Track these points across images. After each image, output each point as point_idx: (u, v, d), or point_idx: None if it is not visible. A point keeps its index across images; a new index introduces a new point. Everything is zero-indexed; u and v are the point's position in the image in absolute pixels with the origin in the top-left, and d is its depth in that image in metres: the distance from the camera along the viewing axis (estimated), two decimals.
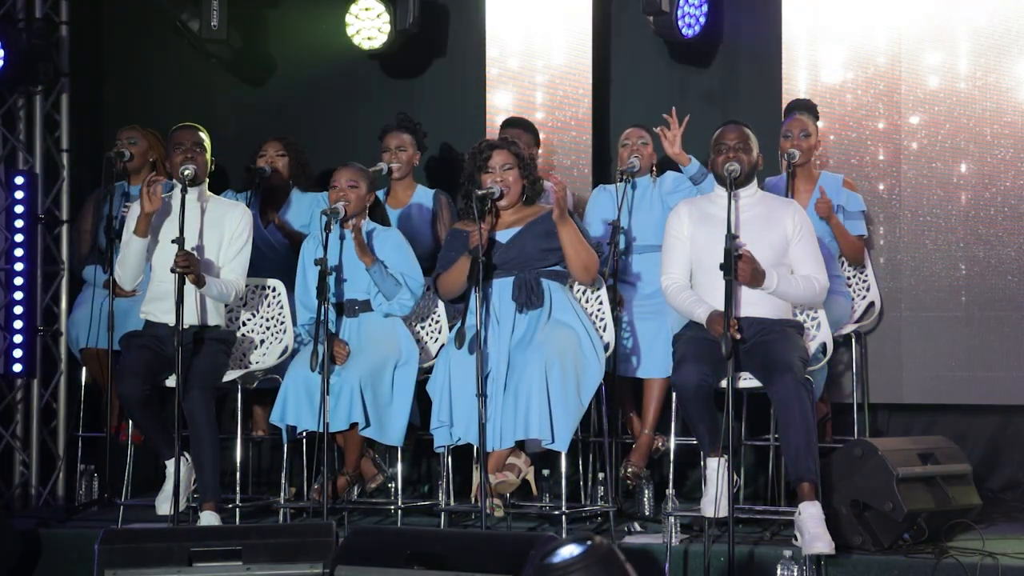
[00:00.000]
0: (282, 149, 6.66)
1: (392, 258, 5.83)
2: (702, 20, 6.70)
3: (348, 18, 7.07)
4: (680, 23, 6.64)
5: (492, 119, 6.95)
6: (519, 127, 6.55)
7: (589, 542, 3.47)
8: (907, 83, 6.57)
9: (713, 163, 5.43)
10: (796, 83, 6.67)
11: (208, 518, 5.52)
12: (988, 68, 6.48)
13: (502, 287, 5.54)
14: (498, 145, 5.65)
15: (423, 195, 6.60)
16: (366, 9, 7.03)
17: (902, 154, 6.57)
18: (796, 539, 4.98)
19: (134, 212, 5.74)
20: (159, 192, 5.62)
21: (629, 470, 5.95)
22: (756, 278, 5.22)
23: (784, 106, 6.55)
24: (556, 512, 5.54)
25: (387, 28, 7.01)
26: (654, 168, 6.28)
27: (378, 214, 6.01)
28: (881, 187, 6.59)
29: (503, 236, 5.59)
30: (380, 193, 6.45)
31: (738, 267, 5.12)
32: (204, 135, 5.80)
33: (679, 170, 6.13)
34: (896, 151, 6.58)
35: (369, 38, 7.07)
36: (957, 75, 6.52)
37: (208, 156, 5.78)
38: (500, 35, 7.04)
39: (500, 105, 6.99)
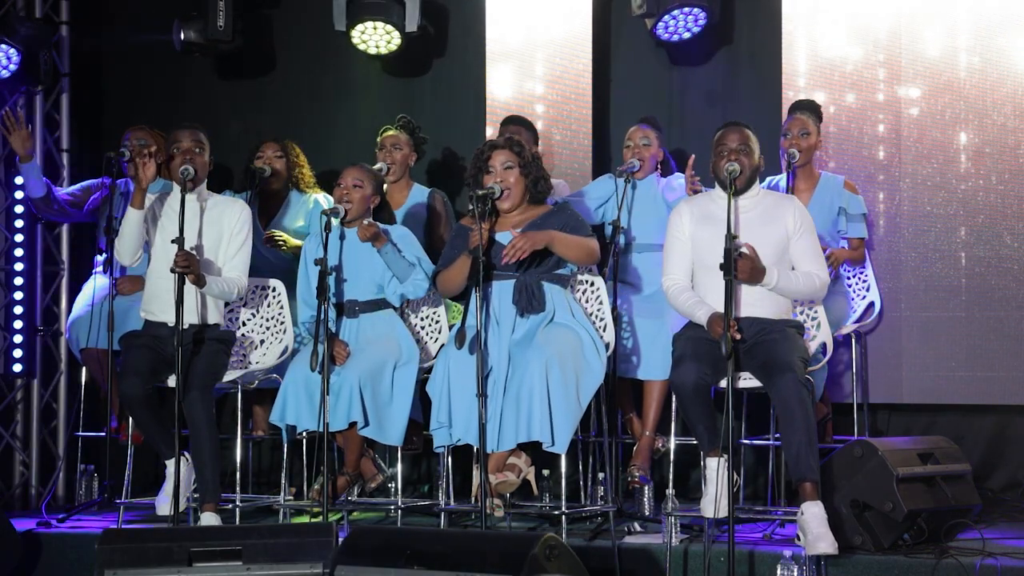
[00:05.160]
0: (279, 151, 6.66)
1: (402, 247, 5.81)
2: (688, 25, 6.71)
3: (353, 35, 7.06)
4: (660, 27, 6.67)
5: (493, 118, 6.95)
6: (519, 124, 6.54)
7: None
8: (906, 76, 6.58)
9: (714, 165, 5.39)
10: (795, 82, 6.67)
11: (208, 519, 5.52)
12: (989, 57, 6.50)
13: (502, 289, 5.52)
14: (499, 144, 5.61)
15: (419, 194, 6.60)
16: (364, 31, 7.03)
17: (903, 153, 6.57)
18: (799, 539, 4.97)
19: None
20: (152, 166, 5.62)
21: (637, 475, 5.93)
22: (756, 275, 5.20)
23: (785, 106, 6.54)
24: (556, 512, 5.54)
25: (396, 37, 7.00)
26: (659, 166, 6.27)
27: (384, 215, 6.00)
28: (881, 186, 6.58)
29: (505, 237, 5.55)
30: None
31: (738, 264, 5.10)
32: (203, 135, 5.79)
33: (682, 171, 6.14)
34: (896, 151, 6.58)
35: (377, 46, 7.08)
36: (957, 64, 6.54)
37: (207, 156, 5.78)
38: (500, 35, 7.04)
39: (501, 105, 6.99)
